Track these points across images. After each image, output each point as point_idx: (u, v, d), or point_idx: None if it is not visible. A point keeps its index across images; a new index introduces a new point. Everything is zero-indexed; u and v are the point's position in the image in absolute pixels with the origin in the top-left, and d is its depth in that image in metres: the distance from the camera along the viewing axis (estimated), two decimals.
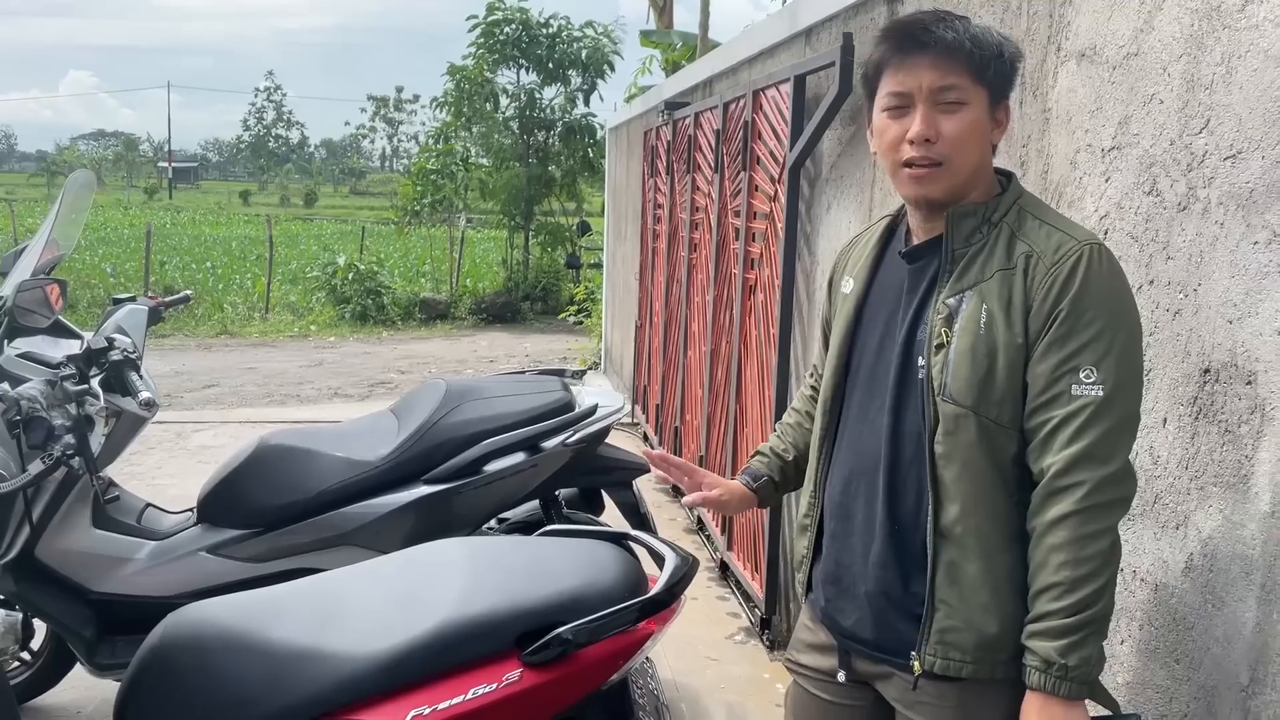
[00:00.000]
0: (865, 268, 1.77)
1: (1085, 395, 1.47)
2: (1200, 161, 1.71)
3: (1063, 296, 1.49)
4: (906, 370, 1.62)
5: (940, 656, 1.58)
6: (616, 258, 9.20)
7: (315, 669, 1.77)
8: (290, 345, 12.89)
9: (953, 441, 1.55)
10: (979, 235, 1.59)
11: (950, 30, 1.54)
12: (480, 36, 15.16)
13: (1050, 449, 1.49)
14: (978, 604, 1.55)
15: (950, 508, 1.56)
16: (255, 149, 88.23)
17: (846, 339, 1.75)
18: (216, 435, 7.13)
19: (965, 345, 1.54)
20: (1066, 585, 1.45)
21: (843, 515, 1.72)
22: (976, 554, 1.55)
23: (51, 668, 3.25)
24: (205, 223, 39.88)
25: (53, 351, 2.87)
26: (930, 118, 1.55)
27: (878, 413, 1.66)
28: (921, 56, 1.55)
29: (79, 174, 3.04)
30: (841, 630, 1.73)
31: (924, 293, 1.63)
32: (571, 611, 1.84)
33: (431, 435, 3.08)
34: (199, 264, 21.39)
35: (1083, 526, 1.45)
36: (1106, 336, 1.47)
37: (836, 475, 1.74)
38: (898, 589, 1.63)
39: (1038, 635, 1.48)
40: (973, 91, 1.55)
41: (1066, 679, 1.45)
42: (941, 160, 1.55)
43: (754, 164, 4.29)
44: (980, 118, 1.56)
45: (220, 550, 3.03)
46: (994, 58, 1.55)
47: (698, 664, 3.80)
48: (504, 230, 17.22)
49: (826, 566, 1.77)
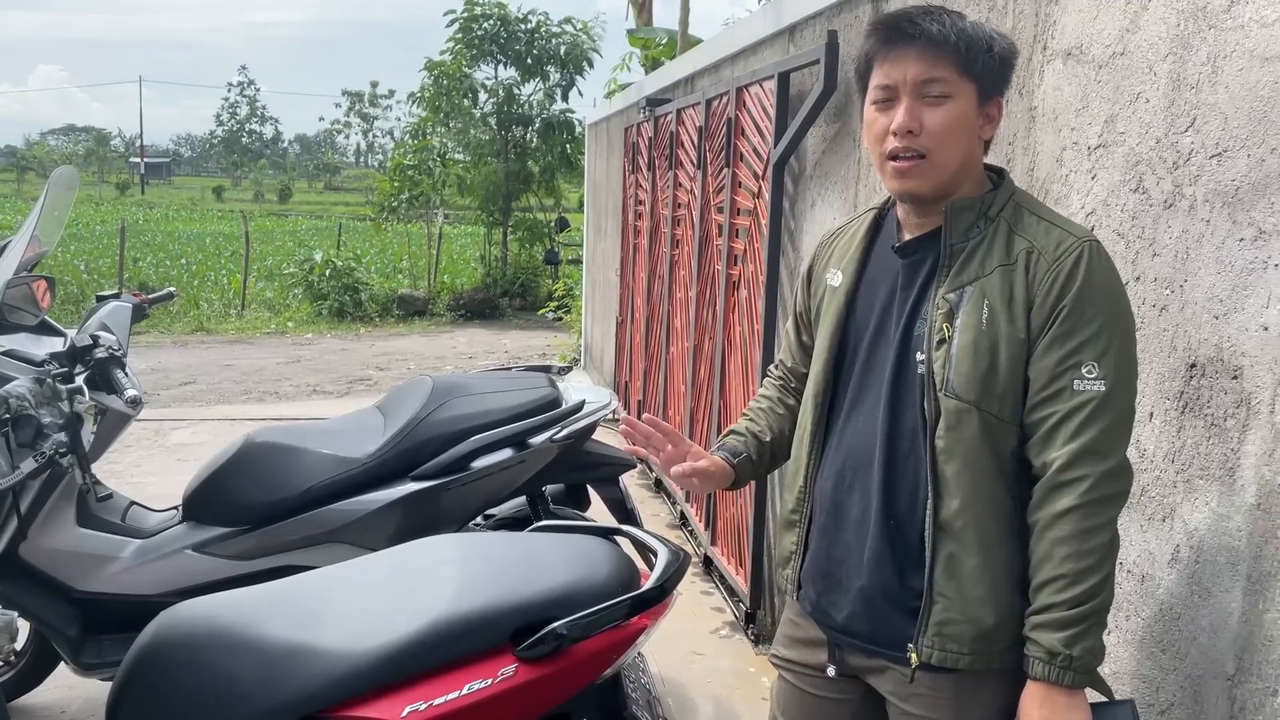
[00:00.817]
0: (854, 260, 1.77)
1: (1087, 391, 1.49)
2: (1186, 160, 1.74)
3: (1065, 293, 1.51)
4: (903, 365, 1.63)
5: (938, 649, 1.59)
6: (596, 254, 9.20)
7: (309, 666, 1.77)
8: (267, 342, 12.80)
9: (955, 436, 1.56)
10: (977, 230, 1.60)
11: (936, 23, 1.55)
12: (458, 32, 15.09)
13: (1053, 444, 1.51)
14: (975, 596, 1.57)
15: (950, 502, 1.57)
16: (228, 144, 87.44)
17: (837, 333, 1.75)
18: (195, 433, 7.08)
19: (968, 340, 1.55)
20: (1070, 578, 1.48)
21: (835, 510, 1.73)
22: (975, 547, 1.56)
23: (35, 667, 3.23)
24: (179, 219, 39.56)
25: (35, 349, 2.85)
26: (914, 109, 1.56)
27: (872, 407, 1.67)
28: (907, 49, 1.56)
29: (62, 171, 3.02)
30: (833, 625, 1.74)
31: (920, 288, 1.64)
32: (565, 607, 1.85)
33: (418, 432, 3.07)
34: (173, 260, 21.21)
35: (1085, 520, 1.48)
36: (1107, 333, 1.50)
37: (828, 469, 1.74)
38: (893, 583, 1.64)
39: (1042, 627, 1.50)
40: (959, 85, 1.56)
41: (1070, 669, 1.48)
42: (924, 152, 1.56)
43: (738, 160, 4.31)
44: (966, 111, 1.57)
45: (206, 548, 3.01)
46: (983, 52, 1.56)
47: (683, 658, 3.82)
48: (481, 226, 17.17)
49: (817, 561, 1.77)
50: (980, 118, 1.60)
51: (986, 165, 1.68)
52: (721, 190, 4.51)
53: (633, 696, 2.09)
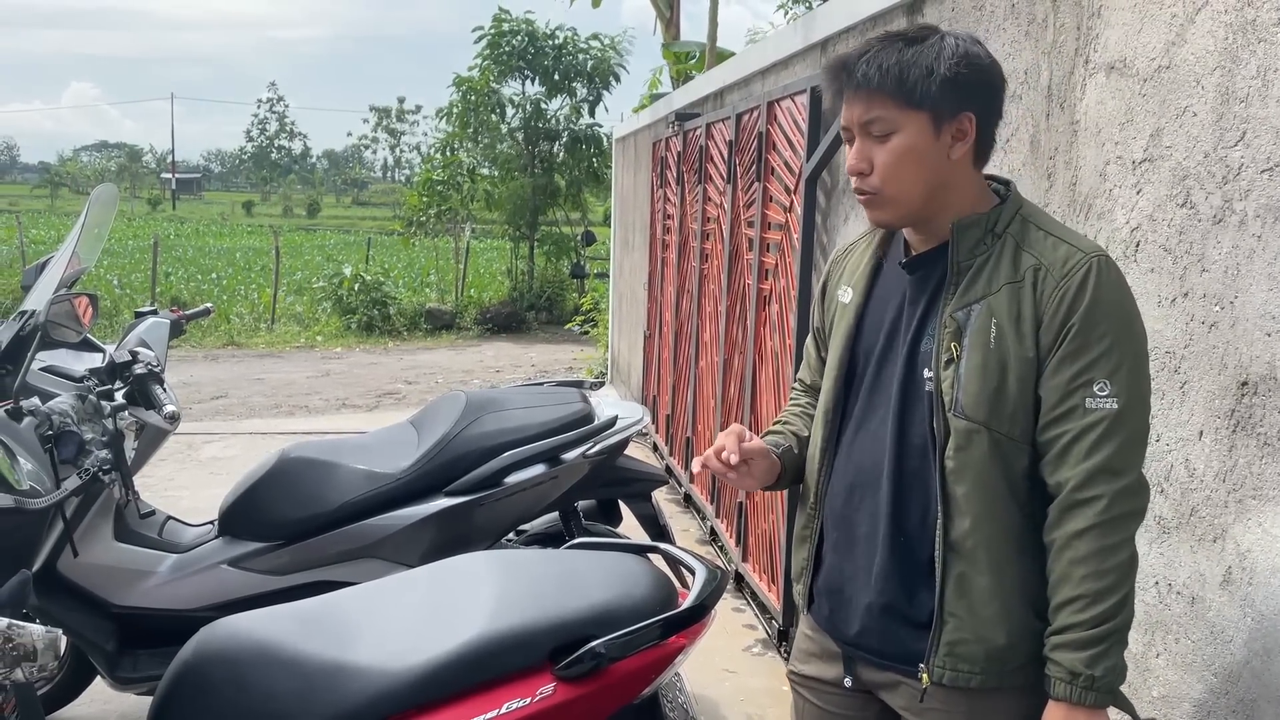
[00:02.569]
0: (864, 277, 1.76)
1: (1100, 409, 1.48)
2: (1236, 174, 1.71)
3: (1074, 310, 1.49)
4: (910, 382, 1.62)
5: (949, 669, 1.58)
6: (623, 267, 9.21)
7: (349, 683, 1.77)
8: (297, 356, 12.90)
9: (964, 457, 1.55)
10: (983, 246, 1.59)
11: (866, 64, 1.55)
12: (486, 48, 15.21)
13: (1066, 462, 1.50)
14: (987, 616, 1.56)
15: (960, 521, 1.56)
16: (258, 160, 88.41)
17: (847, 349, 1.74)
18: (227, 446, 7.13)
19: (976, 361, 1.54)
20: (1090, 598, 1.46)
21: (845, 526, 1.72)
22: (987, 566, 1.55)
23: (71, 681, 3.25)
24: (209, 233, 40.01)
25: (75, 365, 2.88)
26: (864, 149, 1.59)
27: (880, 424, 1.66)
28: (852, 92, 1.59)
29: (102, 188, 3.05)
30: (845, 639, 1.73)
31: (927, 304, 1.63)
32: (604, 625, 1.84)
33: (452, 447, 3.08)
34: (204, 275, 21.43)
35: (1103, 539, 1.47)
36: (1118, 350, 1.48)
37: (838, 485, 1.73)
38: (902, 600, 1.63)
39: (1063, 647, 1.49)
40: (903, 118, 1.55)
41: (1093, 689, 1.46)
42: (874, 191, 1.59)
43: (769, 175, 4.30)
44: (915, 144, 1.55)
45: (242, 563, 3.03)
46: (922, 79, 1.53)
47: (715, 676, 3.79)
48: (508, 240, 17.25)
49: (828, 577, 1.76)
50: (941, 142, 1.56)
51: (993, 176, 1.67)
52: (752, 205, 4.50)
53: (670, 717, 2.08)
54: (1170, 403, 1.88)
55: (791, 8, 13.10)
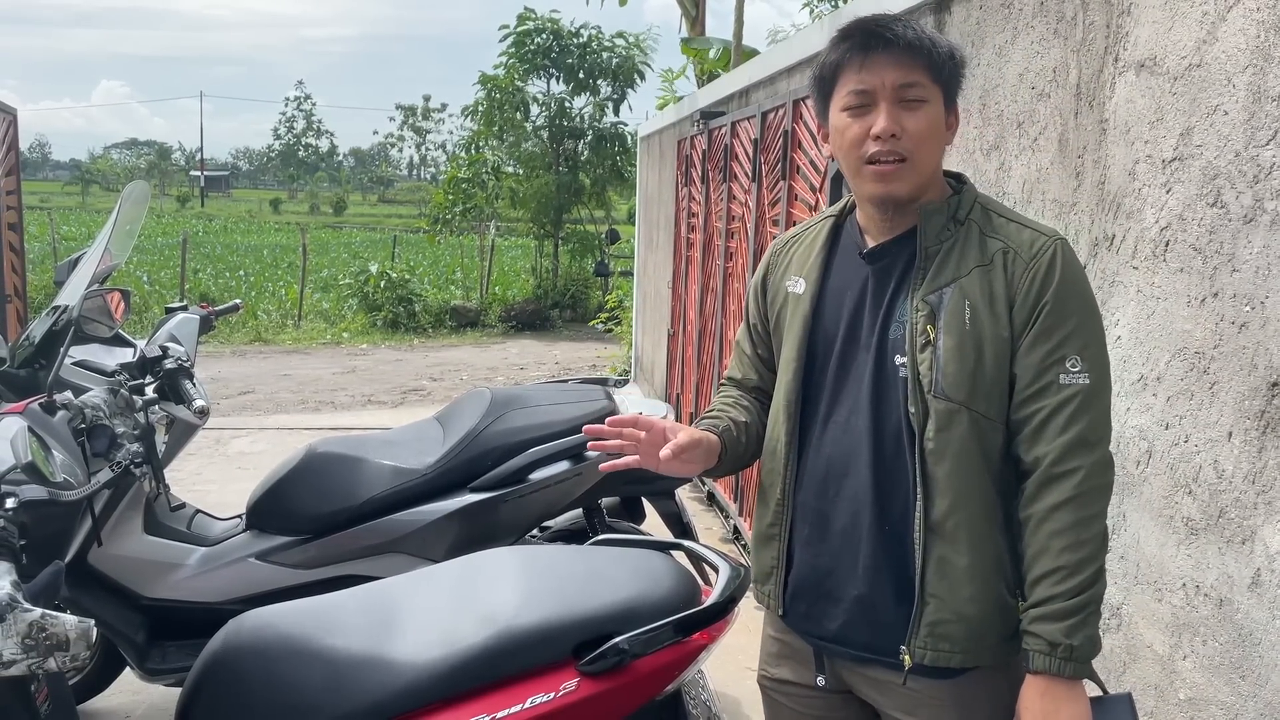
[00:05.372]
0: (815, 268, 1.74)
1: (1073, 384, 1.52)
2: (1268, 173, 1.70)
3: (1045, 289, 1.54)
4: (882, 370, 1.62)
5: (930, 649, 1.59)
6: (647, 266, 9.21)
7: (376, 676, 1.79)
8: (323, 352, 12.99)
9: (945, 437, 1.56)
10: (948, 232, 1.61)
11: (910, 29, 1.58)
12: (511, 46, 15.26)
13: (1043, 438, 1.53)
14: (966, 595, 1.57)
15: (940, 503, 1.57)
16: (285, 158, 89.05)
17: (804, 341, 1.72)
18: (254, 441, 7.20)
19: (954, 342, 1.56)
20: (1069, 569, 1.49)
21: (818, 520, 1.69)
22: (966, 546, 1.57)
23: (101, 672, 3.29)
24: (237, 230, 40.35)
25: (107, 360, 2.91)
26: (894, 114, 1.57)
27: (850, 414, 1.65)
28: (884, 54, 1.57)
29: (135, 185, 3.09)
30: (824, 635, 1.70)
31: (893, 292, 1.64)
32: (628, 621, 1.85)
33: (477, 444, 3.10)
34: (232, 272, 21.63)
35: (1081, 511, 1.50)
36: (1086, 328, 1.54)
37: (809, 480, 1.71)
38: (891, 588, 1.62)
39: (1043, 619, 1.50)
40: (932, 90, 1.58)
41: (1071, 659, 1.48)
42: (906, 155, 1.57)
43: (794, 173, 4.29)
44: (940, 116, 1.60)
45: (269, 556, 3.06)
46: (947, 59, 1.59)
47: (737, 674, 3.79)
48: (533, 238, 17.30)
49: (802, 574, 1.72)
50: (947, 124, 1.63)
51: (946, 171, 1.69)
52: (778, 203, 4.49)
53: (693, 713, 2.09)
54: (1199, 403, 1.86)
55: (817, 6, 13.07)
